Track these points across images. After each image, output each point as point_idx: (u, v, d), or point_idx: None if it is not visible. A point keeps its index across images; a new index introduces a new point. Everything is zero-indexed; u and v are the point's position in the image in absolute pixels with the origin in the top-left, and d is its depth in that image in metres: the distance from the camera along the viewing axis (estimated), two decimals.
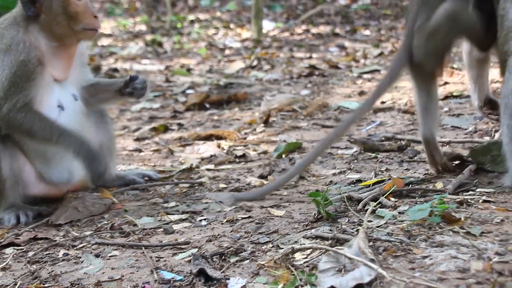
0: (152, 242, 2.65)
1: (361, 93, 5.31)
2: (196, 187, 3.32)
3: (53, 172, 3.08)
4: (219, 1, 12.80)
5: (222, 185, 3.30)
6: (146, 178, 3.47)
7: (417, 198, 2.81)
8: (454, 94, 4.81)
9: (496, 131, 3.75)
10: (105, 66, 7.41)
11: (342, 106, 4.82)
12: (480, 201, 2.66)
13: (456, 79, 5.38)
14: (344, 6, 11.44)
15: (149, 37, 9.59)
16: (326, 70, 6.55)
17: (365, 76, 6.01)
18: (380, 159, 3.48)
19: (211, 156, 3.87)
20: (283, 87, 5.89)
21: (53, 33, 3.00)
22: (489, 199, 2.70)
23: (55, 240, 2.73)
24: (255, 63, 7.05)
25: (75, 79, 3.16)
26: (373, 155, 3.55)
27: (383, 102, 4.84)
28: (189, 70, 7.07)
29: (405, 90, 5.19)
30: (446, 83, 5.27)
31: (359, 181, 3.15)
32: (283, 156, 3.71)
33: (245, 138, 4.21)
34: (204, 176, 3.47)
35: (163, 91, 5.98)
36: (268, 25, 9.88)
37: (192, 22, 10.81)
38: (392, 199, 2.81)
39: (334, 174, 3.33)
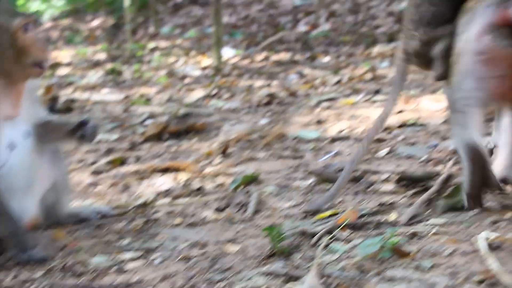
0: (104, 282, 2.61)
1: (319, 121, 5.34)
2: (151, 223, 3.29)
3: None
4: (180, 28, 12.82)
5: (177, 220, 3.28)
6: (101, 215, 3.42)
7: (370, 230, 2.84)
8: (410, 122, 4.88)
9: (450, 159, 3.81)
10: (63, 96, 7.32)
11: (300, 136, 4.85)
12: (431, 233, 2.69)
13: (411, 107, 5.48)
14: (304, 33, 11.55)
15: (109, 66, 9.54)
16: (285, 98, 6.58)
17: (324, 104, 6.06)
18: None
19: (168, 189, 3.85)
20: (242, 116, 5.90)
21: (2, 70, 2.96)
22: (441, 229, 2.74)
23: (3, 284, 2.67)
24: (215, 91, 7.06)
25: (26, 116, 3.12)
26: (329, 186, 3.57)
27: (340, 131, 4.90)
28: (148, 99, 7.04)
29: (362, 118, 5.26)
30: (401, 111, 5.35)
31: (314, 213, 3.17)
32: (240, 188, 3.71)
33: (202, 170, 4.20)
34: (159, 211, 3.44)
35: (121, 122, 5.93)
36: (228, 53, 9.91)
37: (152, 50, 10.79)
38: (346, 231, 2.83)
39: (289, 207, 3.34)
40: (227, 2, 13.76)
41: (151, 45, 11.14)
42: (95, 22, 14.74)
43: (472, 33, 2.96)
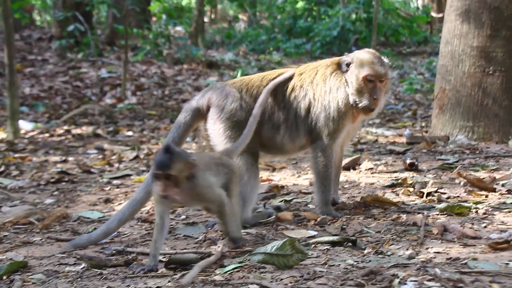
0: None
1: (107, 200, 5.25)
2: None
3: None
4: None
5: None
6: None
7: None
8: None
9: (222, 239, 3.88)
10: None
11: (83, 217, 4.71)
12: None
13: None
14: (110, 106, 11.47)
15: None
16: (78, 175, 6.42)
17: (115, 182, 5.98)
18: (105, 276, 3.40)
19: None
20: (28, 195, 5.63)
21: None
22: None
23: None
24: (2, 168, 6.69)
25: None
26: (99, 271, 3.47)
27: None
28: None
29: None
30: None
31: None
32: (4, 277, 3.48)
33: None
34: None
35: None
36: (27, 126, 9.54)
37: None
38: None
39: None
40: (30, 72, 13.33)
41: None
42: None
43: None
